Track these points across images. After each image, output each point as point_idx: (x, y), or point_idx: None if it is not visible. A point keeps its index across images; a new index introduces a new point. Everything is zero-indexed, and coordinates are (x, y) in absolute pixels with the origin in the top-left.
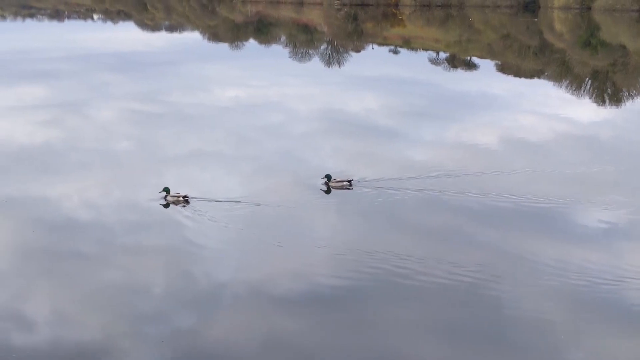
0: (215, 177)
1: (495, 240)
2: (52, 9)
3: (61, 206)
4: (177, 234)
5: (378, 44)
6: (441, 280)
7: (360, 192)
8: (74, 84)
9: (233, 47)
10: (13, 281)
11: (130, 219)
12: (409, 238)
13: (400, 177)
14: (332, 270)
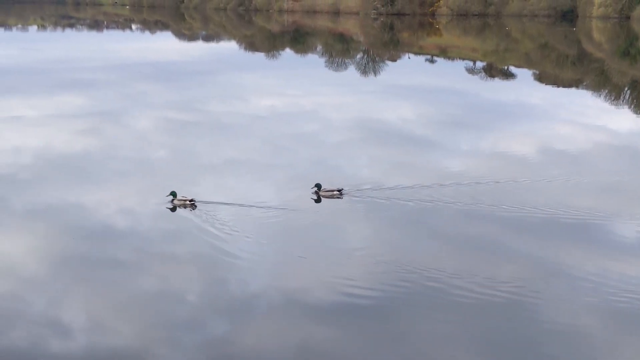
0: (250, 185)
1: (532, 252)
2: (91, 19)
3: (98, 214)
4: (211, 242)
5: (414, 53)
6: (476, 292)
7: (395, 201)
8: (112, 93)
9: (269, 57)
10: (50, 287)
11: (166, 226)
12: (443, 249)
13: (435, 187)
14: (365, 280)
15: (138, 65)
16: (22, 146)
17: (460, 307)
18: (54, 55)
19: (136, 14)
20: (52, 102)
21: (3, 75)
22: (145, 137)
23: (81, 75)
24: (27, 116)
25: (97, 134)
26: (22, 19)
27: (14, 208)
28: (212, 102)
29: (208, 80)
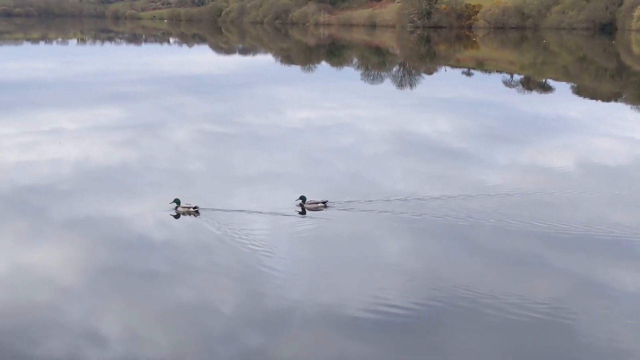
0: (286, 198)
1: (569, 270)
2: (129, 33)
3: (135, 225)
4: (245, 254)
5: (451, 66)
6: (511, 310)
7: (430, 215)
8: (149, 105)
9: (305, 70)
10: (87, 298)
11: (201, 238)
12: (478, 264)
13: (471, 200)
14: (399, 294)
15: (175, 78)
16: (61, 158)
17: (494, 325)
18: (93, 69)
19: (174, 28)
20: (91, 114)
21: (44, 89)
22: (182, 149)
23: (119, 88)
24: (66, 128)
25: (135, 146)
26: (62, 33)
27: (53, 219)
28: (248, 114)
29: (244, 92)
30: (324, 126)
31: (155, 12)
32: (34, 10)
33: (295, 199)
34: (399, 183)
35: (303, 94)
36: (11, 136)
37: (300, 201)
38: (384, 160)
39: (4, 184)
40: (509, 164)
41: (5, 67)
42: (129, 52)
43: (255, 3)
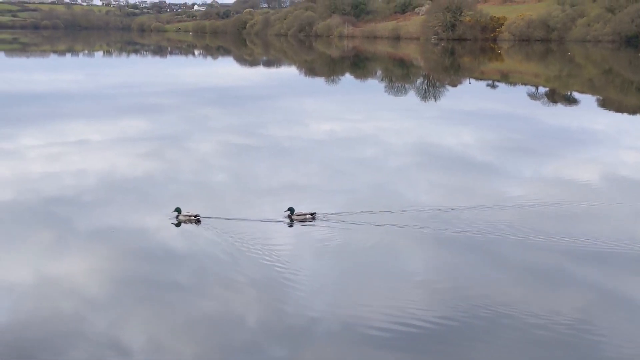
0: (310, 209)
1: (595, 285)
2: (155, 45)
3: (159, 236)
4: (270, 265)
5: (475, 79)
6: (537, 324)
7: (454, 227)
8: (174, 117)
9: (329, 82)
10: (111, 309)
11: (225, 249)
12: (503, 277)
13: (495, 213)
14: (424, 307)
15: (200, 90)
16: (87, 169)
17: (517, 339)
18: (119, 81)
19: (199, 40)
20: (116, 126)
21: (70, 100)
22: (206, 160)
23: (144, 100)
24: (92, 140)
25: (159, 158)
26: (88, 45)
27: (78, 230)
28: (272, 126)
29: (268, 104)
30: (347, 138)
31: (180, 24)
32: (61, 23)
33: (283, 210)
34: (422, 195)
35: (327, 106)
36: (38, 147)
37: (288, 212)
38: (408, 172)
39: (30, 195)
40: (534, 176)
41: (32, 79)
42: (154, 64)
43: (279, 15)
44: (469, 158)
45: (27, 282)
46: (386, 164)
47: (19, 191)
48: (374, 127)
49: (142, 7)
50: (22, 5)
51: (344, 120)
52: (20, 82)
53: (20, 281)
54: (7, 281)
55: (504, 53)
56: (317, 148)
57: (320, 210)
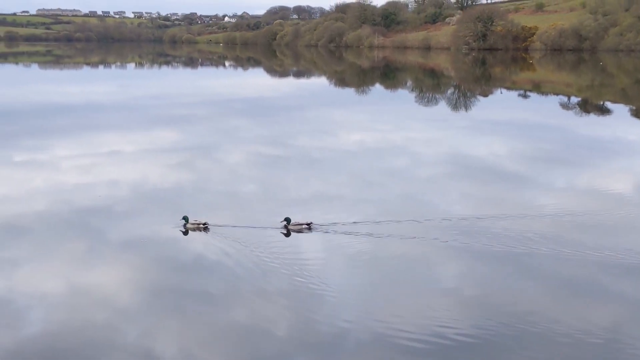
0: (340, 220)
1: (630, 299)
2: (186, 57)
3: (190, 246)
4: (300, 275)
5: (507, 88)
6: (570, 337)
7: (485, 237)
8: (205, 128)
9: (359, 92)
10: (143, 319)
11: (255, 259)
12: (536, 290)
13: (527, 224)
14: (455, 319)
15: (230, 101)
16: (119, 180)
17: (549, 353)
18: (151, 92)
19: (229, 51)
20: (148, 137)
21: (102, 112)
22: (236, 171)
23: (176, 111)
24: (124, 150)
25: (190, 168)
26: (120, 57)
27: (110, 239)
28: (302, 136)
29: (298, 115)
30: (377, 148)
31: (211, 36)
32: (94, 35)
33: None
34: (453, 205)
35: (356, 116)
36: (71, 158)
37: (284, 222)
38: (438, 183)
39: (63, 205)
40: (567, 187)
41: (65, 90)
42: (185, 75)
43: (309, 26)
44: (500, 168)
45: (60, 291)
46: (416, 175)
47: (52, 201)
48: (404, 137)
49: (173, 19)
50: (56, 18)
51: (374, 131)
52: (54, 94)
53: (53, 291)
54: (40, 291)
55: (535, 63)
56: (347, 158)
57: (349, 220)
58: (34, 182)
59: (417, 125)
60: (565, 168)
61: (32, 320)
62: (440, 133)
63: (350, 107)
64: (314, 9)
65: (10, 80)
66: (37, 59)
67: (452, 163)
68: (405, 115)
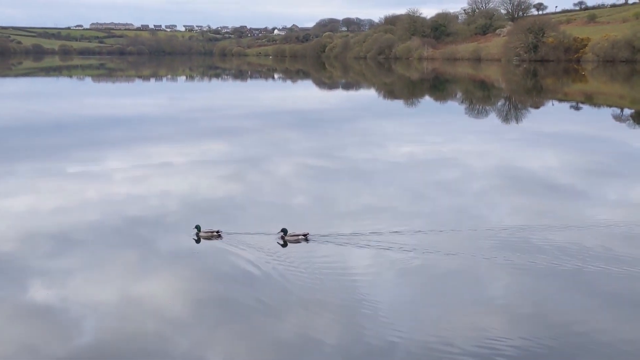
0: (389, 232)
1: None
2: (235, 69)
3: (240, 258)
4: (350, 288)
5: (558, 100)
6: (626, 355)
7: (536, 250)
8: (254, 140)
9: (408, 104)
10: (193, 329)
11: (305, 272)
12: (591, 306)
13: (581, 238)
14: (507, 334)
15: (279, 113)
16: (169, 191)
17: None
18: (201, 104)
19: (278, 64)
20: (198, 148)
21: (153, 124)
22: (286, 182)
23: (225, 123)
24: (174, 162)
25: (240, 180)
26: (171, 70)
27: (161, 250)
28: (351, 148)
29: (347, 127)
30: (427, 160)
31: (260, 48)
32: (146, 49)
33: (277, 231)
34: (503, 218)
35: (406, 128)
36: (122, 170)
37: (281, 234)
38: (489, 195)
39: (115, 217)
40: (621, 200)
41: (118, 103)
42: (235, 88)
43: (358, 38)
44: (552, 181)
45: (112, 301)
46: (466, 187)
47: (103, 212)
48: (453, 149)
49: (223, 32)
50: (109, 31)
51: (423, 143)
52: (107, 106)
53: (105, 300)
54: (93, 300)
55: (587, 74)
56: (396, 170)
57: (398, 232)
58: (86, 193)
59: (467, 137)
60: (618, 181)
61: (85, 330)
62: (491, 145)
63: (400, 119)
64: (363, 21)
65: (64, 93)
66: (90, 72)
67: (503, 176)
68: (455, 127)
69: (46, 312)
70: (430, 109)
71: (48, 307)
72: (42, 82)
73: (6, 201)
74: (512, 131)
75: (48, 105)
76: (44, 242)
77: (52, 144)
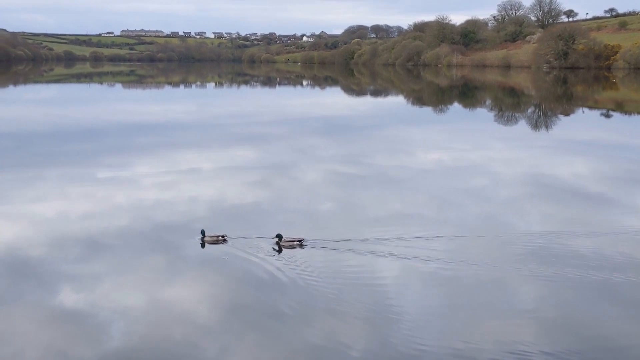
0: (416, 239)
1: None
2: (264, 76)
3: (268, 264)
4: (376, 295)
5: (589, 107)
6: None
7: (569, 260)
8: (282, 146)
9: (437, 111)
10: (221, 335)
11: (330, 279)
12: (623, 315)
13: (612, 246)
14: (537, 343)
15: (307, 120)
16: (197, 197)
17: None
18: (229, 111)
19: (307, 71)
20: (226, 154)
21: (182, 130)
22: (313, 189)
23: (254, 130)
24: (203, 168)
25: (267, 186)
26: (201, 77)
27: (189, 256)
28: (379, 155)
29: (375, 134)
30: (455, 167)
31: (289, 55)
32: (176, 55)
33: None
34: (533, 226)
35: (434, 135)
36: (151, 175)
37: (277, 239)
38: (518, 203)
39: (143, 222)
40: None
41: (147, 109)
42: (263, 94)
43: (387, 45)
44: (582, 189)
45: (140, 306)
46: (495, 195)
47: (132, 218)
48: (482, 156)
49: (252, 39)
50: (139, 38)
51: (452, 150)
52: (136, 112)
53: (133, 306)
54: (121, 306)
55: (618, 81)
56: (425, 177)
57: (428, 242)
58: (115, 199)
59: (496, 145)
60: None
61: (113, 335)
62: (520, 152)
63: (428, 126)
64: (391, 27)
65: (95, 100)
66: (120, 78)
67: (532, 183)
68: (484, 134)
69: (75, 316)
70: (459, 116)
71: (77, 311)
72: (73, 89)
73: (37, 206)
74: (541, 138)
75: (79, 112)
76: (73, 247)
77: (82, 150)
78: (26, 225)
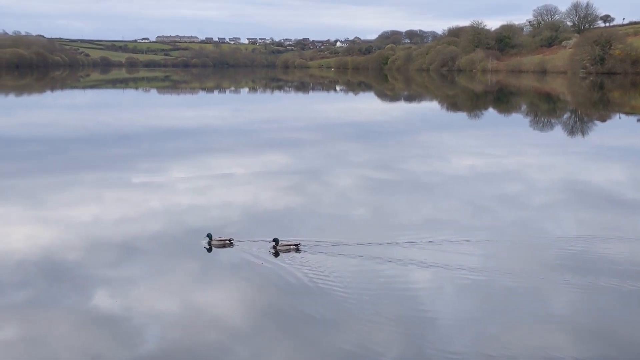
0: (449, 246)
1: None
2: (298, 81)
3: (300, 270)
4: (410, 301)
5: (625, 113)
6: None
7: (604, 267)
8: (314, 152)
9: (471, 116)
10: (253, 340)
11: (362, 284)
12: None
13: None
14: (572, 351)
15: (340, 125)
16: (231, 202)
17: None
18: (263, 116)
19: (340, 76)
20: (259, 160)
21: (216, 135)
22: (345, 194)
23: (287, 135)
24: (236, 173)
25: (300, 191)
26: (235, 82)
27: (221, 260)
28: (412, 161)
29: (408, 139)
30: (490, 173)
31: (323, 60)
32: (210, 61)
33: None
34: (568, 233)
35: (469, 140)
36: (185, 180)
37: (273, 243)
38: (553, 210)
39: (177, 227)
40: None
41: (182, 115)
42: (297, 100)
43: (421, 51)
44: (619, 196)
45: (173, 311)
46: (530, 201)
47: (167, 222)
48: (517, 162)
49: (286, 45)
50: (174, 44)
51: (486, 156)
52: (171, 118)
53: (167, 310)
54: (154, 310)
55: None
56: (458, 183)
57: (461, 249)
58: (150, 203)
59: (531, 151)
60: None
61: (147, 339)
62: (556, 158)
63: (462, 131)
64: (426, 33)
65: (130, 105)
66: (155, 84)
67: (568, 189)
68: (519, 140)
69: (110, 320)
70: (493, 121)
71: (112, 315)
72: (108, 94)
73: (72, 210)
74: (577, 144)
75: (114, 117)
76: (108, 251)
77: (118, 155)
78: (62, 230)
